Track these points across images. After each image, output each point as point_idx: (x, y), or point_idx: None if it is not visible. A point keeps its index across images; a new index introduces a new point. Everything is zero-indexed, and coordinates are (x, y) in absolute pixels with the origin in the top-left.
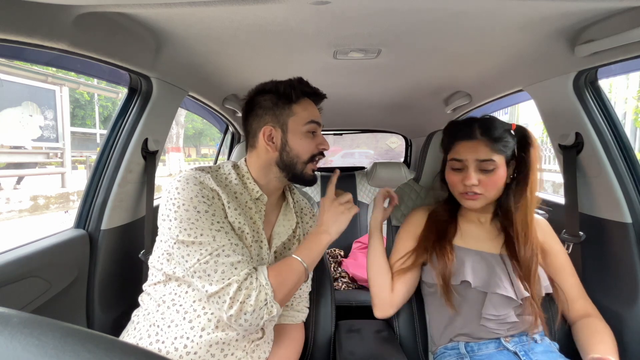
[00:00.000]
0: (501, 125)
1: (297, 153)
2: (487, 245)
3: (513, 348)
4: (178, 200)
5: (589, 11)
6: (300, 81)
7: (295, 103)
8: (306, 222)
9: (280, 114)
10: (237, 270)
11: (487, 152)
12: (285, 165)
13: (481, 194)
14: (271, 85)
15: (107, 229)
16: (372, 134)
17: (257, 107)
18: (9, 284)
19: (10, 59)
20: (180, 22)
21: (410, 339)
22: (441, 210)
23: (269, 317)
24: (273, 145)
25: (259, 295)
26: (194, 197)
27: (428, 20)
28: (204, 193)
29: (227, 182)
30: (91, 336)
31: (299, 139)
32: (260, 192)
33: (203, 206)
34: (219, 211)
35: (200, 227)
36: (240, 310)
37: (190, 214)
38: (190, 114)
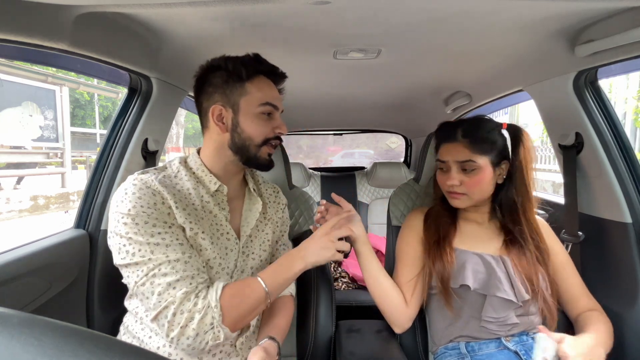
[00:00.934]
0: (488, 126)
1: (250, 135)
2: (486, 247)
3: (514, 347)
4: (116, 214)
5: (589, 11)
6: (256, 58)
7: (248, 81)
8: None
9: (230, 92)
10: (173, 291)
11: (467, 153)
12: (238, 147)
13: (464, 193)
14: (221, 60)
15: (107, 229)
16: (372, 134)
17: (207, 84)
18: (9, 284)
19: (10, 59)
20: (180, 22)
21: (410, 339)
22: (440, 210)
23: (214, 343)
24: (223, 126)
25: (204, 318)
26: (132, 207)
27: (428, 20)
28: (144, 201)
29: (176, 181)
30: (91, 336)
31: (251, 121)
32: (218, 183)
33: (142, 217)
34: (162, 218)
35: (138, 242)
36: (181, 334)
37: (129, 228)
38: (190, 114)
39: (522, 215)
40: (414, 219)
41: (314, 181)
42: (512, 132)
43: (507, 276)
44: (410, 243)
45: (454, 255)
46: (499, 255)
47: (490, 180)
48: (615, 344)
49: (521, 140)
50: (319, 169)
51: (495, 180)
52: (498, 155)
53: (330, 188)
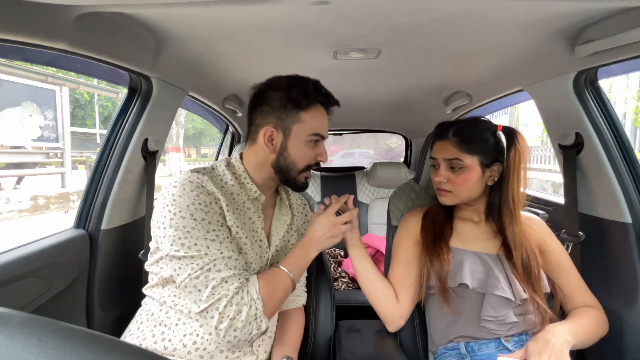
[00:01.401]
0: (481, 127)
1: (294, 160)
2: (484, 246)
3: (513, 348)
4: (174, 207)
5: (589, 11)
6: (316, 87)
7: (305, 110)
8: (301, 211)
9: (286, 117)
10: (227, 285)
11: (454, 151)
12: (280, 168)
13: (450, 191)
14: (285, 84)
15: (107, 229)
16: (372, 134)
17: (265, 103)
18: (9, 284)
19: (10, 59)
20: (180, 22)
21: (410, 339)
22: (437, 209)
23: (258, 332)
24: (272, 147)
25: (250, 310)
26: (191, 204)
27: (428, 20)
28: (201, 199)
29: (223, 184)
30: (91, 336)
31: (299, 148)
32: (258, 192)
33: (200, 214)
34: (216, 217)
35: (195, 236)
36: (229, 326)
37: (186, 222)
38: (190, 114)
39: (509, 217)
40: (411, 219)
41: (314, 181)
42: (507, 135)
43: (505, 275)
44: (405, 243)
45: (450, 254)
46: (497, 254)
47: (477, 181)
48: (615, 344)
49: (514, 144)
50: (319, 169)
51: (485, 181)
52: (489, 156)
53: (330, 188)
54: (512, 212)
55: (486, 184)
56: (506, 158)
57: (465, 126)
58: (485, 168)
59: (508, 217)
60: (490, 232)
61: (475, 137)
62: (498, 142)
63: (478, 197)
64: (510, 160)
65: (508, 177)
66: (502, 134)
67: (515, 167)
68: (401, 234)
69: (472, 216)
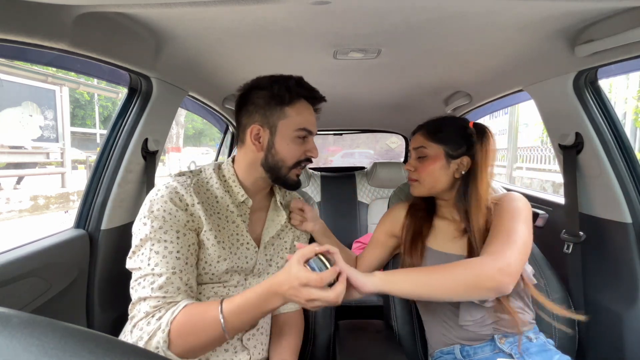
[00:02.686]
0: (450, 122)
1: (283, 157)
2: (455, 246)
3: (508, 349)
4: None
5: (589, 11)
6: (299, 82)
7: (289, 106)
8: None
9: (271, 114)
10: (141, 306)
11: (421, 140)
12: (270, 167)
13: (416, 180)
14: (267, 82)
15: (107, 229)
16: (372, 134)
17: (249, 102)
18: (9, 284)
19: (10, 59)
20: (180, 22)
21: (410, 339)
22: (419, 205)
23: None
24: (259, 145)
25: (151, 340)
26: (156, 210)
27: (428, 20)
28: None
29: (207, 187)
30: (91, 336)
31: (287, 144)
32: (245, 196)
33: (158, 222)
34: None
35: (144, 246)
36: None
37: (146, 229)
38: (190, 114)
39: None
40: (392, 212)
41: (314, 181)
42: (477, 131)
43: None
44: (382, 232)
45: (424, 255)
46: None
47: (441, 170)
48: (616, 344)
49: (482, 141)
50: (319, 169)
51: (451, 172)
52: (456, 148)
53: (330, 188)
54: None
55: (454, 176)
56: (474, 154)
57: (436, 120)
58: (451, 159)
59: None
60: (458, 231)
61: (442, 128)
62: (467, 136)
63: (447, 189)
64: (477, 158)
65: (476, 173)
66: (474, 129)
67: (482, 164)
68: (381, 223)
69: (453, 214)
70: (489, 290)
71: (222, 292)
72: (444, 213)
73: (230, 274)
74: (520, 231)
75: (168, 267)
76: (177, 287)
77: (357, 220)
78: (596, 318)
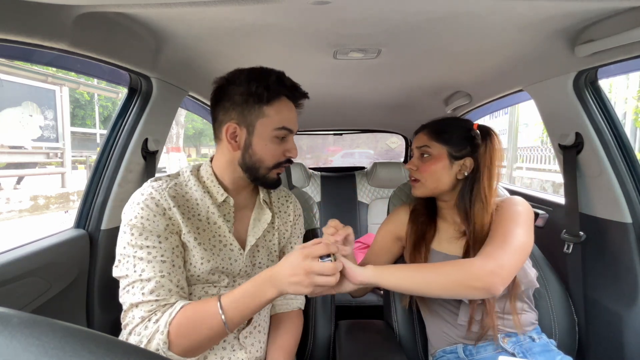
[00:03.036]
0: (454, 123)
1: (261, 158)
2: (454, 247)
3: (511, 349)
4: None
5: (589, 11)
6: (279, 79)
7: (268, 104)
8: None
9: (248, 113)
10: (134, 312)
11: (424, 139)
12: (247, 167)
13: (419, 179)
14: (244, 77)
15: (107, 229)
16: (372, 134)
17: (226, 98)
18: (9, 284)
19: (10, 59)
20: (180, 22)
21: (410, 339)
22: (420, 208)
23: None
24: (235, 144)
25: (150, 343)
26: (133, 217)
27: (428, 20)
28: (144, 213)
29: (186, 190)
30: (92, 336)
31: (265, 144)
32: (225, 195)
33: (137, 229)
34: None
35: (127, 254)
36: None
37: (126, 238)
38: (190, 114)
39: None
40: (398, 214)
41: (314, 181)
42: (481, 133)
43: None
44: (385, 235)
45: (428, 258)
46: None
47: (443, 170)
48: (616, 344)
49: (487, 142)
50: (319, 169)
51: (453, 173)
52: (459, 149)
53: (330, 188)
54: (483, 208)
55: (456, 177)
56: (478, 156)
57: (440, 120)
58: (454, 160)
59: (478, 215)
60: (459, 232)
61: (446, 129)
62: (471, 137)
63: (449, 190)
64: (481, 159)
65: (480, 174)
66: (478, 131)
67: (486, 163)
68: (383, 226)
69: (453, 216)
70: (476, 289)
71: (213, 292)
72: (445, 215)
73: (217, 274)
74: (518, 235)
75: (155, 271)
76: (168, 289)
77: (357, 220)
78: (596, 318)
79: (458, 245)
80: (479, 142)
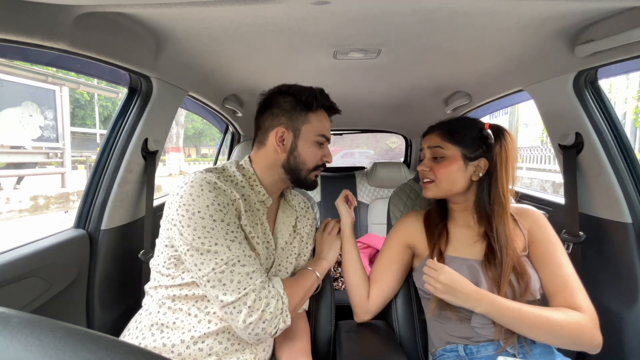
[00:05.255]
0: (467, 123)
1: (304, 159)
2: (472, 251)
3: (512, 350)
4: (192, 207)
5: (589, 11)
6: (322, 93)
7: (313, 112)
8: (303, 215)
9: (296, 118)
10: (252, 280)
11: (437, 140)
12: (291, 168)
13: (432, 180)
14: (294, 89)
15: (107, 229)
16: (372, 134)
17: (275, 106)
18: (9, 284)
19: (10, 59)
20: (180, 22)
21: (410, 339)
22: (433, 215)
23: (284, 326)
24: (282, 147)
25: (277, 303)
26: (210, 204)
27: (428, 20)
28: (220, 200)
29: (235, 184)
30: (92, 336)
31: (308, 147)
32: (266, 195)
33: (219, 215)
34: (233, 219)
35: (215, 236)
36: (259, 318)
37: (206, 222)
38: (190, 114)
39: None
40: (406, 222)
41: None
42: (494, 132)
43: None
44: (393, 244)
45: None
46: (481, 259)
47: (458, 172)
48: (615, 343)
49: (501, 140)
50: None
51: (468, 174)
52: (473, 150)
53: (330, 188)
54: (502, 209)
55: (471, 179)
56: (493, 156)
57: (452, 121)
58: (468, 161)
59: (498, 216)
60: (478, 235)
61: (459, 130)
62: (484, 137)
63: (463, 192)
64: (497, 159)
65: (495, 173)
66: (490, 131)
67: (502, 163)
68: (393, 234)
69: (468, 220)
70: (587, 347)
71: None
72: (457, 218)
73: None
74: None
75: (247, 250)
76: (260, 264)
77: (357, 220)
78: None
79: (476, 249)
80: (492, 142)
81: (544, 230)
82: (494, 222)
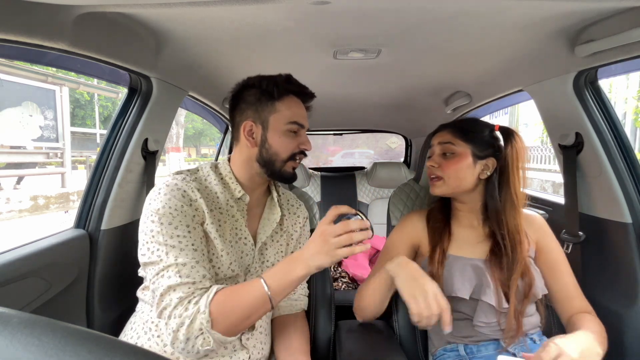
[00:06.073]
0: (478, 123)
1: (276, 151)
2: (476, 251)
3: (512, 349)
4: (147, 210)
5: (589, 11)
6: (287, 79)
7: (279, 100)
8: (293, 212)
9: (262, 110)
10: (171, 295)
11: (449, 136)
12: (265, 161)
13: (441, 177)
14: (256, 80)
15: (107, 229)
16: (372, 134)
17: (241, 100)
18: (9, 284)
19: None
20: (180, 22)
21: (410, 339)
22: (436, 214)
23: (206, 348)
24: (253, 141)
25: (193, 323)
26: (161, 207)
27: (428, 20)
28: (172, 203)
29: (206, 184)
30: (91, 336)
31: (279, 137)
32: (242, 192)
33: (167, 218)
34: (186, 221)
35: (157, 242)
36: (175, 338)
37: (154, 226)
38: (190, 114)
39: (504, 217)
40: (409, 222)
41: (314, 181)
42: (504, 133)
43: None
44: (398, 245)
45: (443, 263)
46: (485, 258)
47: (467, 170)
48: (615, 343)
49: (512, 141)
50: (319, 169)
51: (476, 173)
52: (483, 149)
53: (330, 188)
54: (515, 209)
55: (478, 177)
56: (503, 156)
57: (464, 120)
58: (477, 159)
59: (510, 216)
60: (483, 236)
61: (470, 128)
62: (494, 138)
63: (470, 191)
64: (507, 159)
65: (508, 174)
66: (500, 132)
67: (514, 164)
68: (396, 235)
69: (472, 220)
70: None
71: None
72: (461, 218)
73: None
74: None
75: (189, 257)
76: (202, 274)
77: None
78: None
79: (480, 250)
80: (501, 144)
81: (550, 240)
82: (504, 221)
